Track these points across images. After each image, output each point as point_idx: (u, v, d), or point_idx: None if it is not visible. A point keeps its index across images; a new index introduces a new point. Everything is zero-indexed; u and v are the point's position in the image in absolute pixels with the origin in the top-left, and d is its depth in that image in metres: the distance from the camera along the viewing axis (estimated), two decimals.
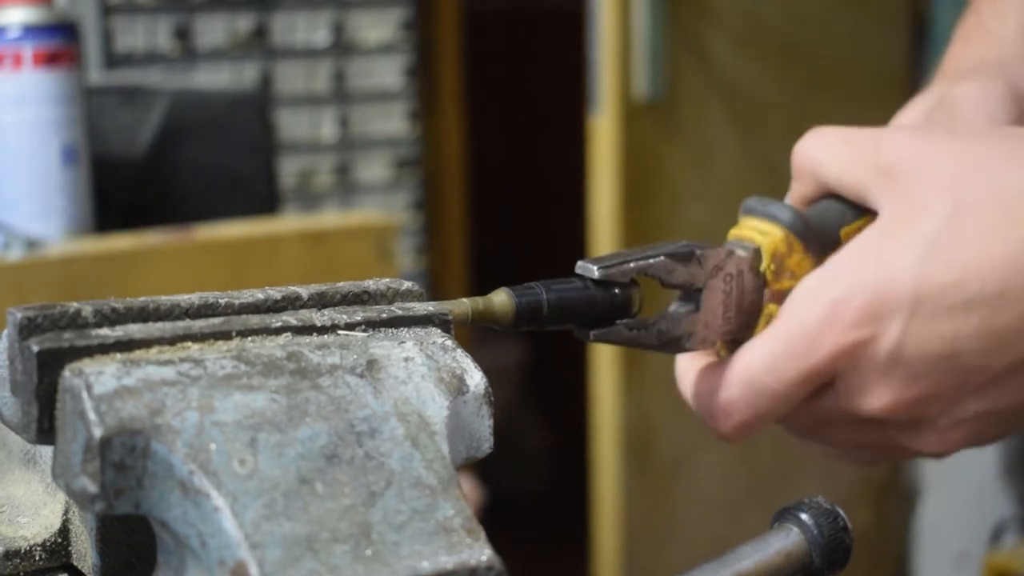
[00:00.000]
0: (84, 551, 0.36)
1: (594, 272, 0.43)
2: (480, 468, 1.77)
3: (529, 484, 2.61)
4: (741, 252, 0.46)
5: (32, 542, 0.37)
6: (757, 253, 0.46)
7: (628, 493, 1.67)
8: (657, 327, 0.44)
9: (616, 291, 0.43)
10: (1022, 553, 1.59)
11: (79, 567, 0.36)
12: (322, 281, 0.38)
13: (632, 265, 0.43)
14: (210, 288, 0.35)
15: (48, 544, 0.37)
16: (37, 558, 0.37)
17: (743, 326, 0.46)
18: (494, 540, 0.31)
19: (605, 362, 1.65)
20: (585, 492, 1.74)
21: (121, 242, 0.98)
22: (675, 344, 0.45)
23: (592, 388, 1.68)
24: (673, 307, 0.45)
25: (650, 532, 1.70)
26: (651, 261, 0.44)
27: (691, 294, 0.45)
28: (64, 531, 0.37)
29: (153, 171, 1.11)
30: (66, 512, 0.37)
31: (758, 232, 0.47)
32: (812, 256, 0.46)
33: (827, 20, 1.75)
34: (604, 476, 1.68)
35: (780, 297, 0.46)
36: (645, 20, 1.57)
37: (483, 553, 0.30)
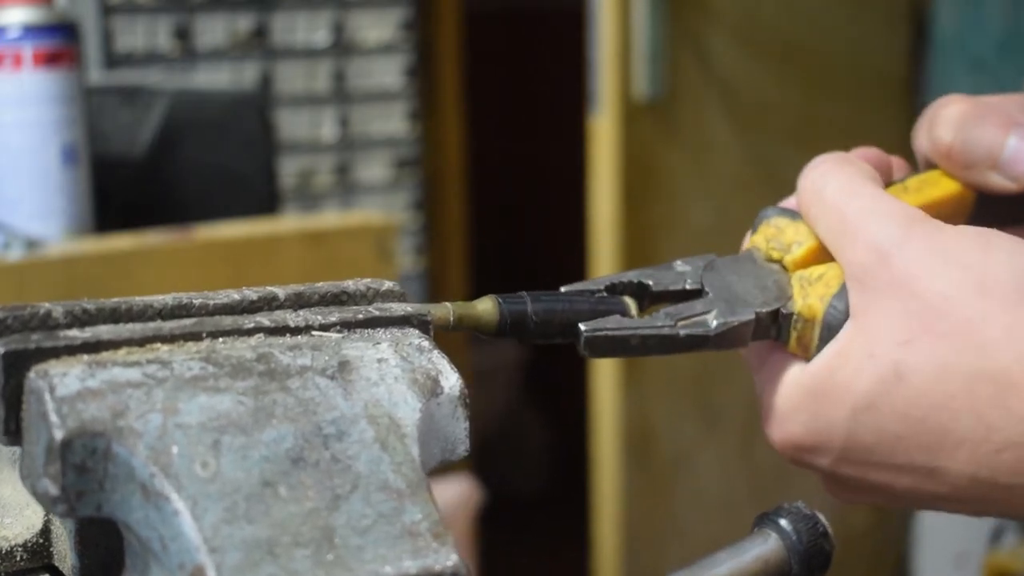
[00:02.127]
0: (65, 552, 0.36)
1: (561, 290, 0.42)
2: (480, 467, 1.77)
3: (529, 482, 2.61)
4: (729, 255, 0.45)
5: (13, 543, 0.37)
6: (747, 253, 0.45)
7: (628, 491, 1.67)
8: (665, 311, 0.42)
9: (606, 301, 0.42)
10: (1022, 553, 1.58)
11: (60, 568, 0.36)
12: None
13: (603, 276, 0.43)
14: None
15: (30, 545, 0.37)
16: (18, 558, 0.37)
17: (777, 297, 0.44)
18: (494, 539, 0.30)
19: (605, 362, 1.64)
20: (585, 490, 1.74)
21: (121, 242, 0.98)
22: (699, 323, 0.42)
23: (592, 386, 1.68)
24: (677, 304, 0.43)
25: (650, 531, 1.70)
26: (624, 272, 0.43)
27: (692, 292, 0.43)
28: (46, 532, 0.37)
29: (153, 171, 1.11)
30: (48, 513, 0.37)
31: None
32: (806, 222, 0.44)
33: (827, 20, 1.75)
34: (604, 475, 1.68)
35: (806, 262, 0.44)
36: (645, 20, 1.57)
37: (448, 558, 0.30)
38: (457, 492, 1.44)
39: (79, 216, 0.99)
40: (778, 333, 0.44)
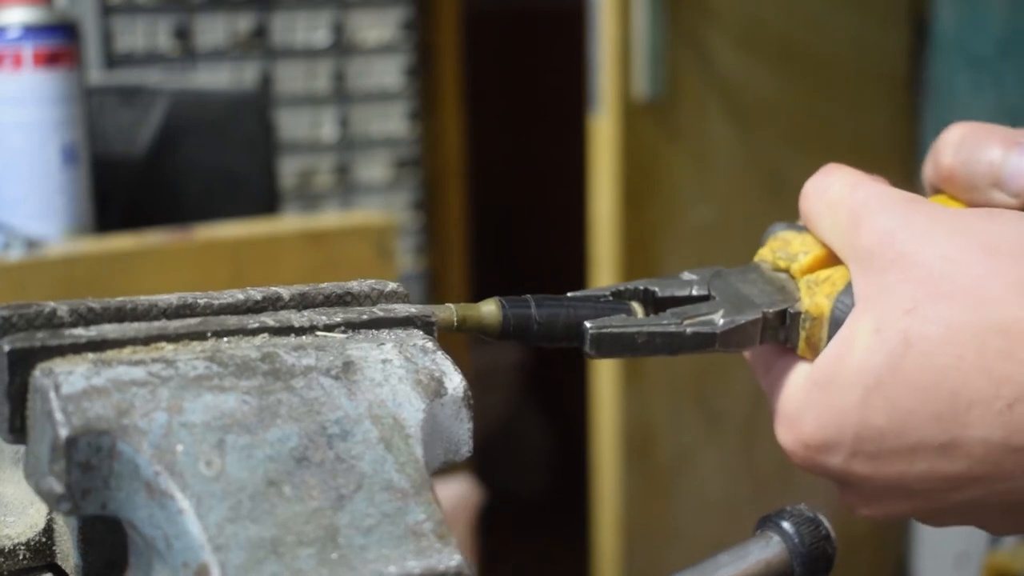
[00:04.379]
0: (68, 551, 0.36)
1: (567, 295, 0.41)
2: (480, 468, 1.77)
3: (529, 484, 2.61)
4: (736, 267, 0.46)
5: (16, 541, 0.37)
6: (753, 266, 0.45)
7: (628, 493, 1.67)
8: (671, 311, 0.41)
9: (611, 305, 0.41)
10: (1022, 553, 1.58)
11: (63, 567, 0.36)
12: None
13: (611, 283, 0.43)
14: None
15: (32, 543, 0.37)
16: (21, 557, 0.37)
17: (784, 300, 0.44)
18: (494, 540, 0.30)
19: (605, 362, 1.65)
20: (585, 492, 1.74)
21: (121, 242, 0.98)
22: (705, 322, 0.41)
23: (592, 388, 1.68)
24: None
25: (650, 532, 1.70)
26: (630, 281, 0.42)
27: (699, 299, 0.43)
28: (48, 531, 0.37)
29: (153, 171, 1.12)
30: (51, 511, 0.37)
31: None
32: (811, 231, 0.45)
33: (827, 20, 1.75)
34: (604, 476, 1.68)
35: (813, 268, 0.44)
36: (645, 20, 1.57)
37: (452, 558, 0.30)
38: (457, 493, 1.44)
39: (79, 216, 0.99)
40: (787, 336, 0.44)
